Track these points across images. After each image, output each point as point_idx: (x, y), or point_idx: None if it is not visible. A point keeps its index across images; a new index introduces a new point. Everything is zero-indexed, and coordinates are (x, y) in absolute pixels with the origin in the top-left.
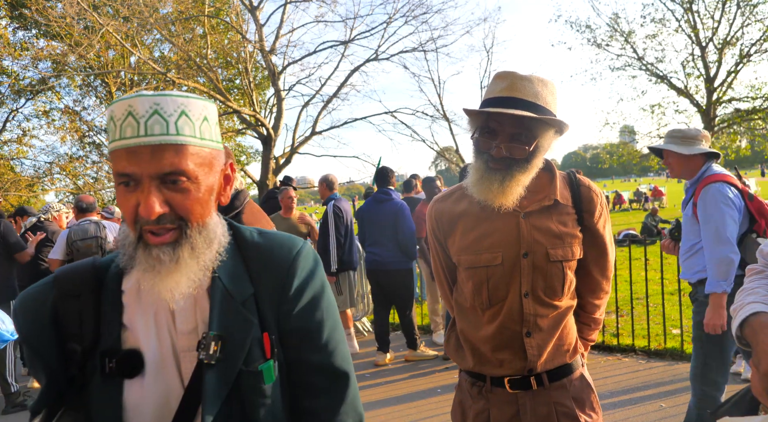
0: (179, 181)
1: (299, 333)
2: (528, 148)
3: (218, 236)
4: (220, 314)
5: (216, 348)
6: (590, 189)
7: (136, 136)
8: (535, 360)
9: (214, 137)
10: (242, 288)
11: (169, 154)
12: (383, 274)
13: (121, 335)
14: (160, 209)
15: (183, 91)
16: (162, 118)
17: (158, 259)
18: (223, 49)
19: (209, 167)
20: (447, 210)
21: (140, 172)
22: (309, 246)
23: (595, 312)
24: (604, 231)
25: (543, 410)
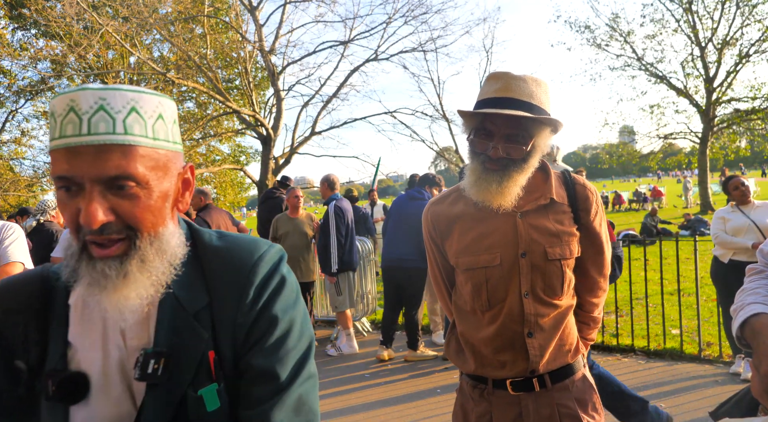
0: (127, 187)
1: (251, 340)
2: (525, 148)
3: (173, 247)
4: (168, 328)
5: (156, 366)
6: (585, 187)
7: (77, 134)
8: (537, 361)
9: (171, 137)
10: (196, 298)
11: (115, 155)
12: (401, 271)
13: (67, 354)
14: (103, 217)
15: (135, 86)
16: (108, 114)
17: (103, 274)
18: (222, 49)
19: (163, 171)
20: (443, 212)
21: (81, 175)
22: (274, 250)
23: (593, 310)
24: (600, 230)
25: (546, 411)
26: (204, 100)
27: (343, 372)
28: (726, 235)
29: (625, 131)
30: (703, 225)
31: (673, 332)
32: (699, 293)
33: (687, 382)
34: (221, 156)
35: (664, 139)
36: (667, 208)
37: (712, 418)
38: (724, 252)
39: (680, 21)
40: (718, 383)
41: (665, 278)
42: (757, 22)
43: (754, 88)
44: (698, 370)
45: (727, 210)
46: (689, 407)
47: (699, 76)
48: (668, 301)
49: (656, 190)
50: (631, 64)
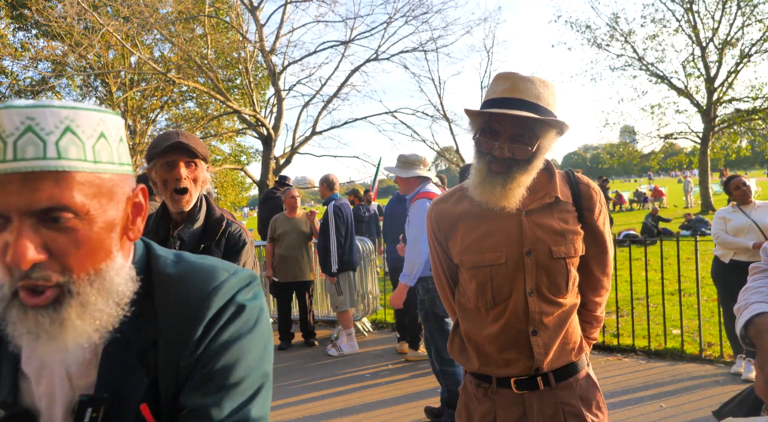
0: (62, 219)
1: (193, 374)
2: (530, 149)
3: (119, 285)
4: (111, 370)
5: (95, 415)
6: (589, 186)
7: (1, 160)
8: (541, 359)
9: (117, 158)
10: (143, 335)
11: (46, 183)
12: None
13: (19, 386)
14: (34, 255)
15: (69, 101)
16: (37, 136)
17: (36, 322)
18: (223, 49)
19: (108, 197)
20: (447, 211)
21: (7, 207)
22: (236, 279)
23: (596, 309)
24: (604, 229)
25: (550, 410)
26: (205, 99)
27: (343, 372)
28: (727, 235)
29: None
30: (703, 225)
31: (674, 332)
32: (700, 293)
33: (688, 382)
34: (222, 156)
35: (665, 139)
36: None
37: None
38: (725, 252)
39: (681, 21)
40: (719, 383)
41: (666, 278)
42: (758, 22)
43: (755, 88)
44: (699, 370)
45: (727, 210)
46: (690, 407)
47: (700, 76)
48: (669, 301)
49: (657, 189)
50: (632, 64)
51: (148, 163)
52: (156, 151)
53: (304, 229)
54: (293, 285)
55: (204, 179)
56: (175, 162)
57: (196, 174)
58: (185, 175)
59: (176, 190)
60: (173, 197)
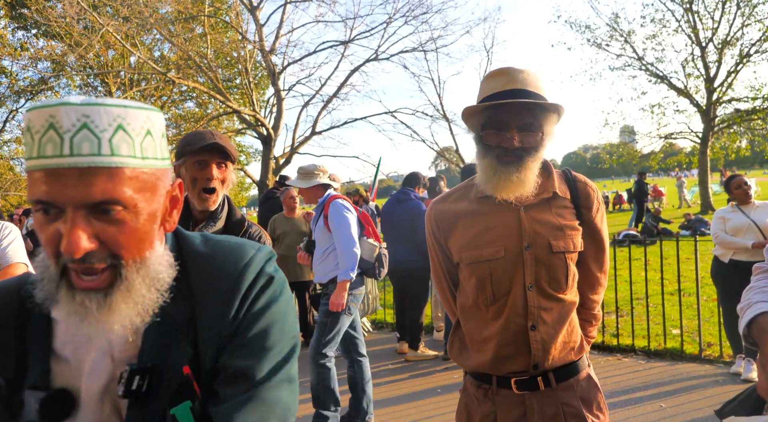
0: (113, 211)
1: (232, 344)
2: (539, 136)
3: (160, 272)
4: (153, 342)
5: (141, 383)
6: (586, 184)
7: (59, 155)
8: (539, 355)
9: (159, 154)
10: (181, 309)
11: (100, 179)
12: (401, 273)
13: (51, 369)
14: (87, 245)
15: (120, 99)
16: (93, 133)
17: (83, 305)
18: (222, 48)
19: (152, 191)
20: (447, 210)
21: (63, 200)
22: (262, 253)
23: (594, 307)
24: (602, 226)
25: (550, 410)
26: (204, 99)
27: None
28: (726, 235)
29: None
30: (703, 225)
31: (674, 332)
32: (699, 293)
33: (687, 382)
34: None
35: (665, 138)
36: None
37: (718, 416)
38: (725, 252)
39: (681, 21)
40: (719, 383)
41: (666, 278)
42: (757, 22)
43: (755, 88)
44: (699, 370)
45: (727, 210)
46: (690, 407)
47: (699, 76)
48: (669, 301)
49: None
50: (632, 64)
51: (178, 158)
52: (191, 149)
53: (303, 229)
54: (293, 285)
55: (231, 181)
56: (207, 161)
57: (225, 175)
58: (216, 175)
59: (205, 189)
60: (201, 196)
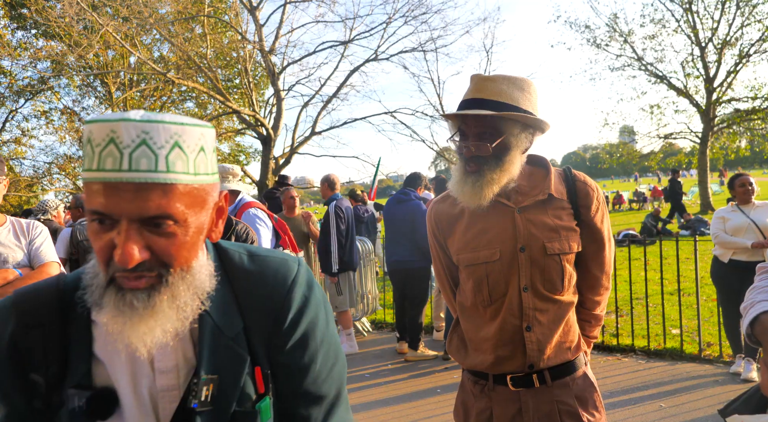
0: (164, 225)
1: (293, 365)
2: (491, 146)
3: (203, 280)
4: (210, 353)
5: (208, 392)
6: (586, 184)
7: (117, 169)
8: (535, 356)
9: (210, 169)
10: (232, 322)
11: (155, 194)
12: (401, 273)
13: (91, 370)
14: (139, 256)
15: (178, 115)
16: (150, 150)
17: (131, 305)
18: (222, 48)
19: (201, 206)
20: (446, 211)
21: (119, 212)
22: (303, 269)
23: (595, 308)
24: (602, 226)
25: (545, 408)
26: (204, 99)
27: None
28: (726, 235)
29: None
30: (703, 225)
31: (674, 332)
32: (699, 293)
33: (687, 382)
34: (221, 155)
35: (665, 139)
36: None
37: (721, 415)
38: (724, 251)
39: (680, 21)
40: (719, 383)
41: (665, 278)
42: (757, 22)
43: (754, 88)
44: (698, 370)
45: (727, 209)
46: (689, 407)
47: (699, 76)
48: (668, 301)
49: (656, 189)
50: (631, 64)
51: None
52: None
53: (303, 229)
54: None
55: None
56: None
57: None
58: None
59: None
60: None
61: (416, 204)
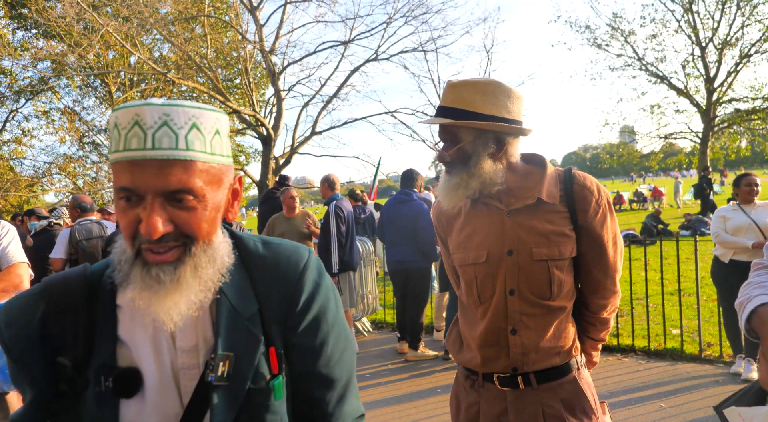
0: (185, 200)
1: (306, 347)
2: (448, 153)
3: (222, 256)
4: (227, 332)
5: (224, 368)
6: (584, 186)
7: (142, 148)
8: (518, 359)
9: (225, 152)
10: (247, 304)
11: (177, 170)
12: (402, 273)
13: (116, 351)
14: (163, 228)
15: (194, 102)
16: (171, 130)
17: (157, 279)
18: (222, 48)
19: (218, 184)
20: (445, 210)
21: (145, 187)
22: (314, 256)
23: (600, 311)
24: (603, 230)
25: (530, 410)
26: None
27: None
28: (726, 235)
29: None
30: (703, 225)
31: (674, 332)
32: (699, 293)
33: (687, 382)
34: None
35: (665, 139)
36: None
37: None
38: (725, 251)
39: (681, 21)
40: (719, 383)
41: (666, 278)
42: (757, 22)
43: (755, 88)
44: (699, 370)
45: (727, 209)
46: (690, 407)
47: (699, 76)
48: (669, 301)
49: (656, 190)
50: (632, 64)
51: None
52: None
53: (303, 230)
54: None
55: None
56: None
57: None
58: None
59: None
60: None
61: (418, 204)
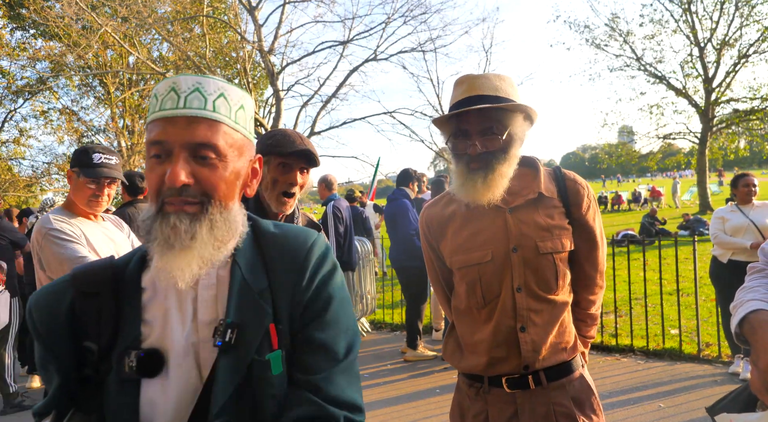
0: (208, 158)
1: (308, 315)
2: (501, 138)
3: (238, 224)
4: (238, 303)
5: (232, 336)
6: (576, 182)
7: (174, 108)
8: (530, 357)
9: (248, 127)
10: (259, 279)
11: (203, 126)
12: (399, 272)
13: (140, 333)
14: (185, 179)
15: (223, 78)
16: (202, 94)
17: (174, 229)
18: (221, 48)
19: (239, 152)
20: (436, 215)
21: (173, 139)
22: (322, 238)
23: (590, 307)
24: (594, 224)
25: (541, 410)
26: None
27: None
28: (725, 235)
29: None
30: (702, 225)
31: (672, 332)
32: (698, 293)
33: (686, 382)
34: None
35: (664, 139)
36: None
37: (709, 414)
38: (723, 252)
39: (679, 21)
40: (717, 383)
41: (664, 278)
42: (755, 23)
43: (753, 89)
44: (697, 370)
45: (726, 209)
46: (688, 407)
47: (698, 77)
48: (667, 301)
49: (655, 190)
50: (631, 65)
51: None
52: (279, 150)
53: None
54: None
55: (309, 185)
56: (292, 166)
57: (305, 180)
58: (299, 180)
59: (285, 193)
60: (280, 199)
61: (398, 203)
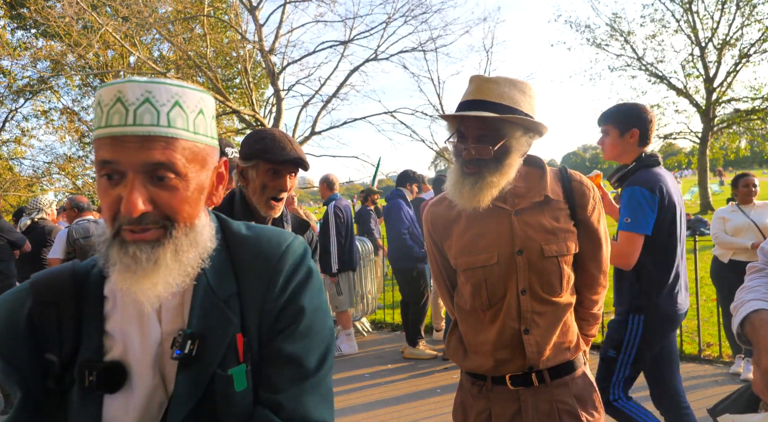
0: (167, 178)
1: (279, 326)
2: (492, 148)
3: (205, 239)
4: (201, 312)
5: (192, 347)
6: (582, 183)
7: (123, 124)
8: (534, 358)
9: (209, 132)
10: (226, 285)
11: (158, 145)
12: (396, 272)
13: (103, 344)
14: (143, 207)
15: (177, 81)
16: (153, 107)
17: (135, 258)
18: (222, 48)
19: (201, 164)
20: (441, 214)
21: (125, 161)
22: (299, 242)
23: (592, 307)
24: (599, 225)
25: (545, 407)
26: None
27: (342, 372)
28: (725, 235)
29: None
30: (702, 225)
31: None
32: (699, 293)
33: (687, 382)
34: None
35: (664, 139)
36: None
37: (711, 415)
38: (724, 252)
39: (680, 21)
40: (718, 383)
41: None
42: (757, 22)
43: (754, 88)
44: (698, 370)
45: (727, 209)
46: None
47: (699, 76)
48: None
49: None
50: (631, 64)
51: (248, 159)
52: (268, 157)
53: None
54: None
55: (294, 186)
56: (282, 172)
57: (293, 183)
58: (289, 185)
59: (274, 198)
60: (269, 203)
61: (392, 203)
